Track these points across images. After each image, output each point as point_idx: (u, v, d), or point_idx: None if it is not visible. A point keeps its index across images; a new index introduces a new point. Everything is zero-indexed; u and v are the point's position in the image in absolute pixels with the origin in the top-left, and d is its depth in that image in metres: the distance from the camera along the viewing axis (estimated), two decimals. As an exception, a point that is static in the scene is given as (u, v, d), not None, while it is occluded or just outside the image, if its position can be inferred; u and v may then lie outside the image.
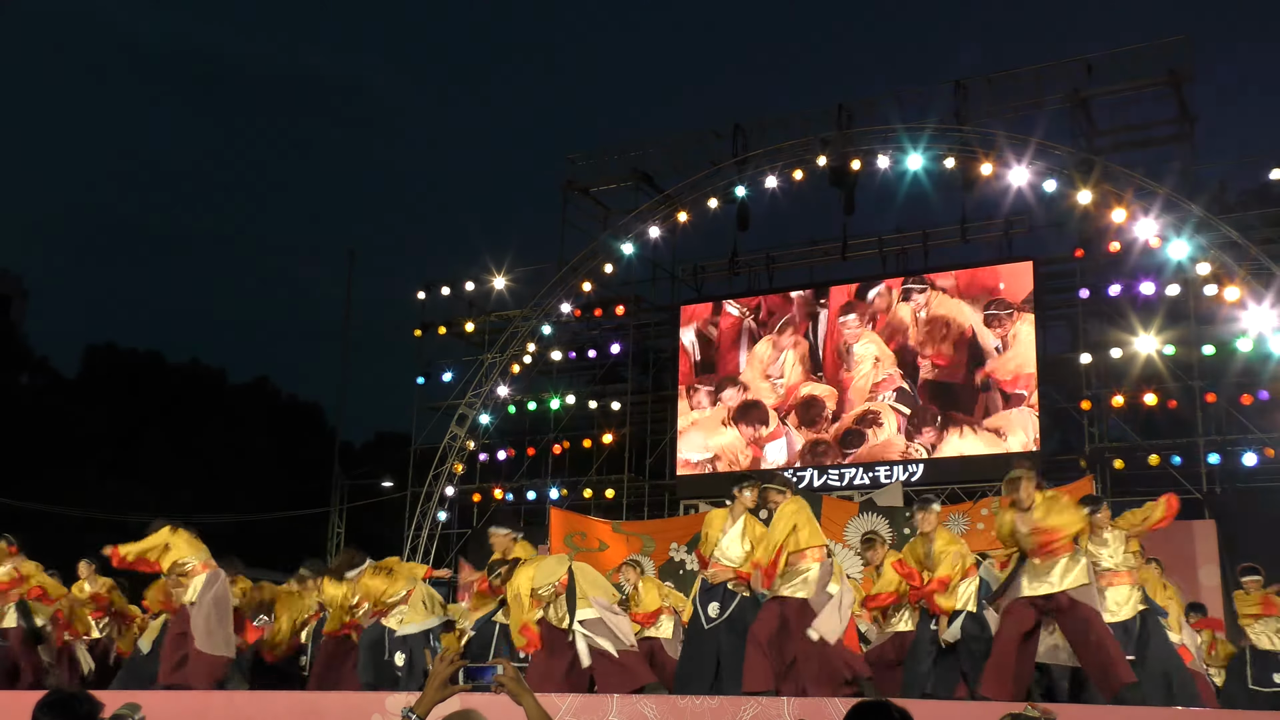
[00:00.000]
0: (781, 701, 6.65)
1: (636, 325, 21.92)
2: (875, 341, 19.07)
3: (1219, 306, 16.68)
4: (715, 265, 21.65)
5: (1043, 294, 18.78)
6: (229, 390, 41.74)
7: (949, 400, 18.36)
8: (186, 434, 36.11)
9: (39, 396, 34.79)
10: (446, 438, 21.42)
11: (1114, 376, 17.68)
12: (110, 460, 33.17)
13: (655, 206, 20.61)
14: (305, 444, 37.43)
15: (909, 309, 18.89)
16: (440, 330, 22.78)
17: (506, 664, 3.20)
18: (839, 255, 20.52)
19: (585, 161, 22.51)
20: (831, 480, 18.77)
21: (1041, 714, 3.57)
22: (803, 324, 19.71)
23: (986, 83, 19.12)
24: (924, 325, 18.70)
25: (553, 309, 21.15)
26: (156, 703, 8.82)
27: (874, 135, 19.01)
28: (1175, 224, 16.60)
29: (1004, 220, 19.15)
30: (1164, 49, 18.15)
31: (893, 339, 18.95)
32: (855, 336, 19.24)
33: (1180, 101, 18.22)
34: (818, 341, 19.58)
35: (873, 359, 19.02)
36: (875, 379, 18.95)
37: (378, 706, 7.69)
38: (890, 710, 3.02)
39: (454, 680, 3.16)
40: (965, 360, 18.33)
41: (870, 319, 19.20)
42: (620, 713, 6.92)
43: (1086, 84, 18.46)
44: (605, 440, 20.88)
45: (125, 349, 41.04)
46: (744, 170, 19.93)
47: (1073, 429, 18.65)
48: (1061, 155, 17.64)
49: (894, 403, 18.76)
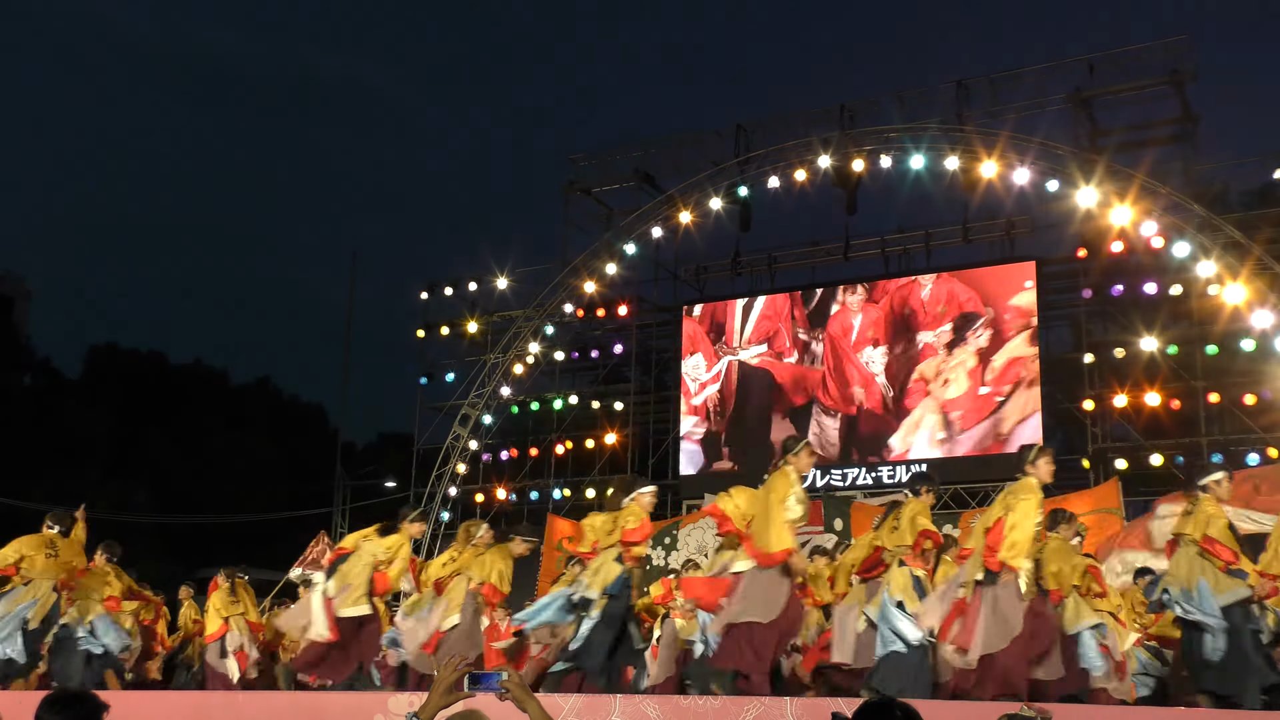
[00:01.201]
0: (784, 701, 6.64)
1: (639, 325, 21.93)
2: (878, 341, 19.10)
3: (1221, 306, 16.65)
4: (717, 265, 21.65)
5: (1045, 294, 18.77)
6: (231, 391, 41.78)
7: (949, 402, 18.37)
8: (189, 435, 36.13)
9: (41, 397, 34.83)
10: (449, 438, 21.44)
11: (1117, 376, 17.66)
12: (112, 461, 33.20)
13: (657, 207, 20.61)
14: (308, 445, 37.45)
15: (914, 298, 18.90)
16: (443, 330, 22.79)
17: (511, 670, 3.22)
18: (841, 255, 20.52)
19: (588, 162, 22.53)
20: (834, 480, 18.76)
21: (1038, 714, 3.57)
22: (806, 324, 19.75)
23: (989, 83, 19.11)
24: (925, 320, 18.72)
25: (555, 309, 21.15)
26: (157, 702, 8.83)
27: (876, 135, 19.00)
28: (1178, 224, 16.59)
29: (1006, 220, 19.14)
30: (1166, 49, 18.14)
31: (896, 338, 18.97)
32: (862, 338, 19.25)
33: (1182, 101, 18.20)
34: (823, 340, 19.60)
35: (876, 358, 19.04)
36: (877, 379, 18.97)
37: (380, 707, 7.68)
38: (894, 708, 3.02)
39: (459, 686, 3.17)
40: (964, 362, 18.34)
41: (873, 319, 19.22)
42: (622, 713, 6.91)
43: (1089, 84, 18.45)
44: (608, 440, 20.89)
45: (127, 349, 41.09)
46: (746, 170, 19.93)
47: (1076, 429, 18.64)
48: (1064, 155, 17.62)
49: (894, 402, 18.77)
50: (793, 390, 19.65)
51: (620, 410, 21.15)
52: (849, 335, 19.35)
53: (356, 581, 9.13)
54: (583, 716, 6.97)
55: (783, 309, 20.07)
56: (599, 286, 21.02)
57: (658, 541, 17.53)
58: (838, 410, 19.17)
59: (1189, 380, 17.04)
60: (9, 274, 46.02)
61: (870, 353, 19.10)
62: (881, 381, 18.91)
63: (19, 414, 31.87)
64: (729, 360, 20.24)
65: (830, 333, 19.48)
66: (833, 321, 19.51)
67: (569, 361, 22.15)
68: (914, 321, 18.88)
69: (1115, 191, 16.98)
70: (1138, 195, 16.81)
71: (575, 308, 21.25)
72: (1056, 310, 19.40)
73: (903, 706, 3.04)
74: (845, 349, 19.30)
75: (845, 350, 19.28)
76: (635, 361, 21.80)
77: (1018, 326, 18.12)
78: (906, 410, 18.65)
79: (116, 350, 40.82)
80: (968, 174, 18.17)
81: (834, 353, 19.39)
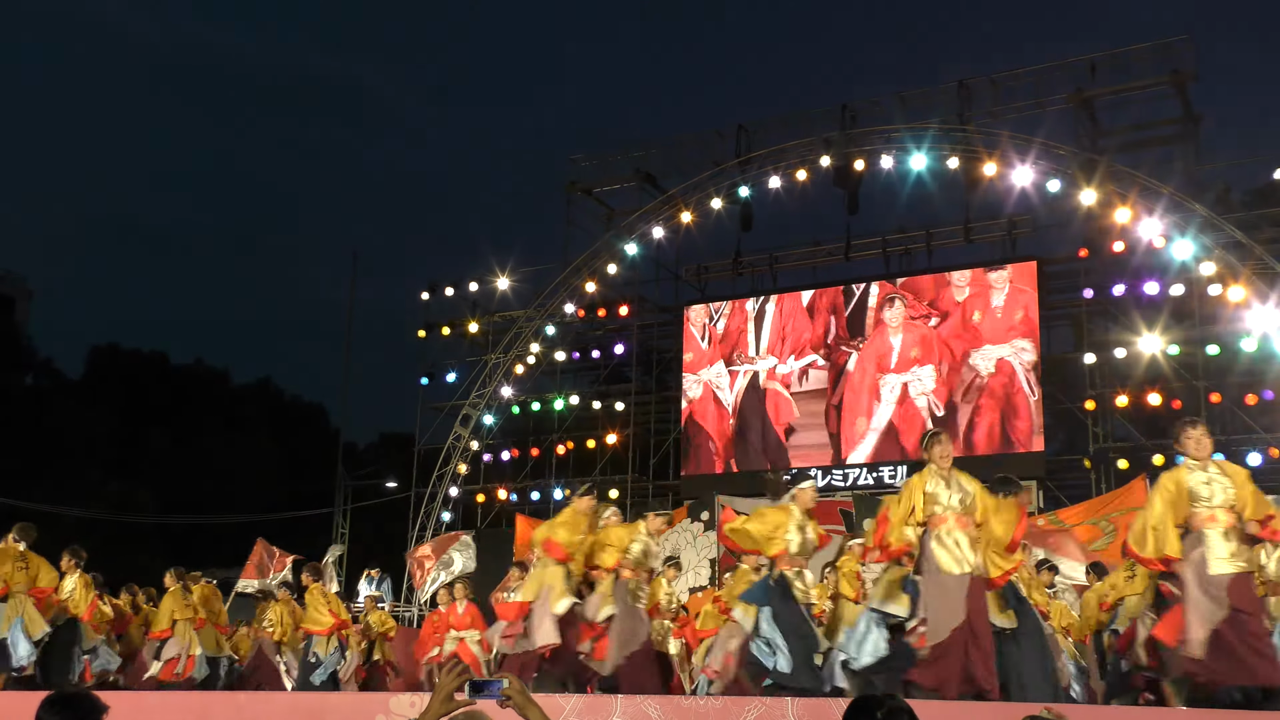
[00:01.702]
0: (785, 701, 6.63)
1: (640, 325, 21.92)
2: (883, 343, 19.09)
3: (1223, 306, 16.65)
4: (719, 265, 21.64)
5: (1046, 294, 18.75)
6: (232, 391, 41.76)
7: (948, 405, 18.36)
8: (190, 435, 36.13)
9: (43, 397, 34.83)
10: (450, 438, 21.44)
11: (1118, 376, 17.66)
12: (113, 461, 33.19)
13: (659, 207, 20.61)
14: (309, 445, 37.45)
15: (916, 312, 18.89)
16: (444, 331, 22.79)
17: (512, 678, 3.19)
18: (842, 255, 20.51)
19: (589, 162, 22.54)
20: (835, 480, 18.75)
21: (1055, 717, 3.57)
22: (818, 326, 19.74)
23: (990, 83, 19.10)
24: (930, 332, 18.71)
25: (556, 309, 21.15)
26: (158, 702, 8.83)
27: (877, 135, 19.00)
28: (1179, 224, 16.58)
29: (1007, 220, 19.13)
30: (1167, 49, 18.12)
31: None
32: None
33: (1184, 101, 18.19)
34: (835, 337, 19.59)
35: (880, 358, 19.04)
36: (879, 377, 18.97)
37: (381, 707, 7.67)
38: (881, 702, 3.04)
39: (460, 692, 3.15)
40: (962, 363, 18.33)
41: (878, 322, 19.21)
42: (624, 713, 6.90)
43: (1090, 84, 18.44)
44: (609, 440, 20.88)
45: (129, 350, 41.06)
46: (747, 170, 19.93)
47: (1077, 429, 18.63)
48: (1065, 155, 17.62)
49: (895, 401, 18.76)
50: (804, 408, 19.55)
51: (621, 410, 21.14)
52: (889, 357, 18.98)
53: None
54: (584, 717, 6.96)
55: (805, 320, 19.80)
56: (600, 287, 21.02)
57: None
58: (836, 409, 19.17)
59: (1190, 380, 17.02)
60: (10, 274, 46.04)
61: (918, 371, 18.74)
62: (924, 403, 18.59)
63: (20, 414, 31.87)
64: (745, 369, 20.14)
65: (862, 358, 19.15)
66: (868, 346, 19.12)
67: (570, 362, 22.14)
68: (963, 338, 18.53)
69: (1117, 191, 16.98)
70: (1139, 195, 16.81)
71: (576, 308, 21.25)
72: (1058, 310, 19.39)
73: (893, 698, 3.07)
74: (873, 383, 19.04)
75: (874, 384, 19.01)
76: (636, 362, 21.79)
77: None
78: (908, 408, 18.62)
79: (118, 350, 40.81)
80: (969, 174, 18.17)
81: (862, 377, 19.12)
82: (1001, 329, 18.16)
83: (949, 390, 18.36)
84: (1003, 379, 17.97)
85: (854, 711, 3.08)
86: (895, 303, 19.08)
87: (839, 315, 19.49)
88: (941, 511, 7.11)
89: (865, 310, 19.30)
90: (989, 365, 18.08)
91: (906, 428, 18.48)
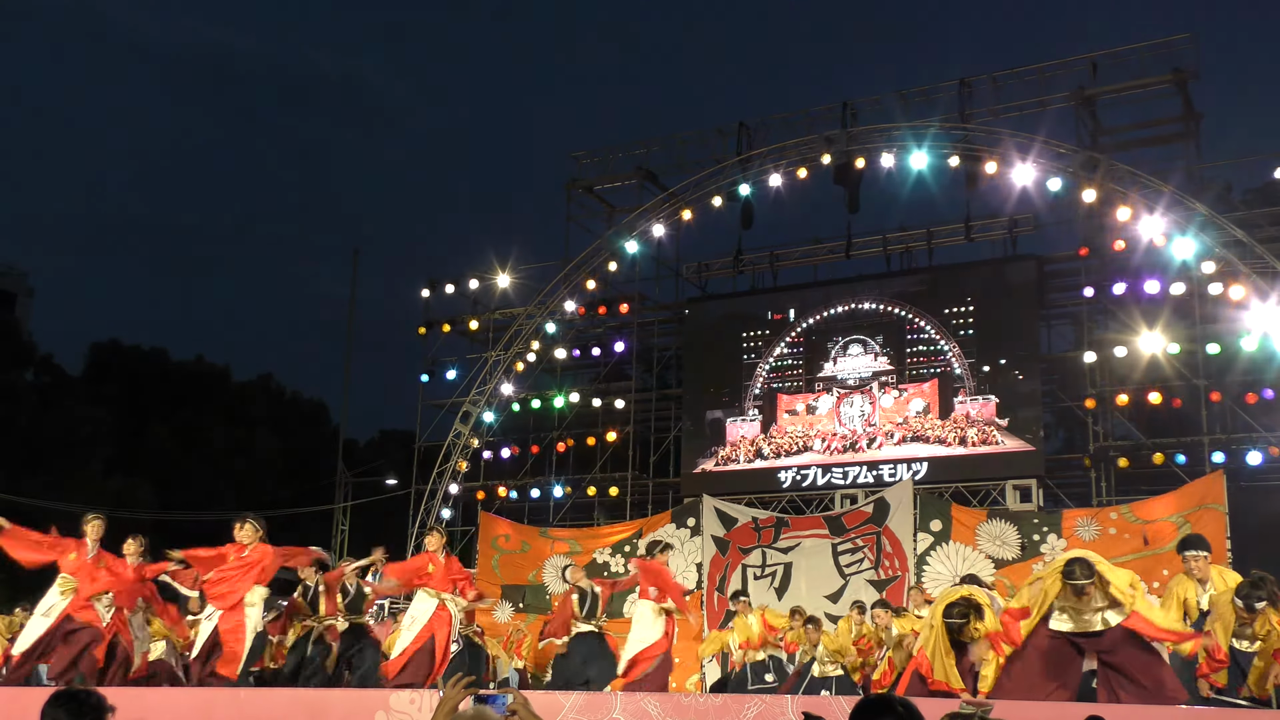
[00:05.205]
0: (785, 700, 6.65)
1: (641, 323, 21.91)
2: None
3: (1224, 305, 16.65)
4: (719, 263, 21.65)
5: (1047, 292, 18.74)
6: (233, 388, 41.67)
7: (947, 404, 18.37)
8: (190, 431, 36.08)
9: (43, 393, 34.74)
10: (450, 435, 21.44)
11: (1118, 375, 17.65)
12: (114, 457, 33.16)
13: (659, 204, 20.61)
14: (309, 441, 37.41)
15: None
16: (444, 328, 22.78)
17: (517, 693, 3.24)
18: (843, 253, 20.52)
19: (590, 159, 22.53)
20: (835, 479, 18.75)
21: (977, 709, 3.58)
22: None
23: (991, 81, 19.11)
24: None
25: (557, 307, 21.15)
26: (157, 702, 8.84)
27: (878, 133, 19.00)
28: (1180, 222, 16.57)
29: (1008, 219, 19.14)
30: (1168, 48, 18.12)
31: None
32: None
33: (1185, 100, 18.19)
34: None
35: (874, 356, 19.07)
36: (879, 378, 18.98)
37: (382, 704, 7.69)
38: (893, 704, 3.03)
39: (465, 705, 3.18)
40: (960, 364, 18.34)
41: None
42: (624, 710, 6.92)
43: (1091, 83, 18.43)
44: (609, 438, 20.88)
45: (129, 346, 40.96)
46: (748, 168, 19.93)
47: (1077, 427, 18.63)
48: (1066, 154, 17.62)
49: (895, 402, 18.77)
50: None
51: (621, 408, 21.14)
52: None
53: None
54: (584, 713, 6.98)
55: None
56: (600, 284, 21.02)
57: (617, 550, 17.51)
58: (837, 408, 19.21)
59: (1191, 379, 17.02)
60: (11, 270, 46.08)
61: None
62: (920, 405, 18.72)
63: (21, 410, 31.83)
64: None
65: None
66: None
67: (570, 359, 22.14)
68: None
69: (1117, 190, 16.98)
70: (1140, 194, 16.81)
71: (577, 305, 21.25)
72: (1058, 308, 19.39)
73: (902, 700, 3.06)
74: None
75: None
76: (637, 359, 21.80)
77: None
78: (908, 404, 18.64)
79: (119, 347, 40.72)
80: (970, 172, 18.17)
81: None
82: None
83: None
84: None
85: (868, 712, 3.05)
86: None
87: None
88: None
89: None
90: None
91: (905, 427, 18.51)
